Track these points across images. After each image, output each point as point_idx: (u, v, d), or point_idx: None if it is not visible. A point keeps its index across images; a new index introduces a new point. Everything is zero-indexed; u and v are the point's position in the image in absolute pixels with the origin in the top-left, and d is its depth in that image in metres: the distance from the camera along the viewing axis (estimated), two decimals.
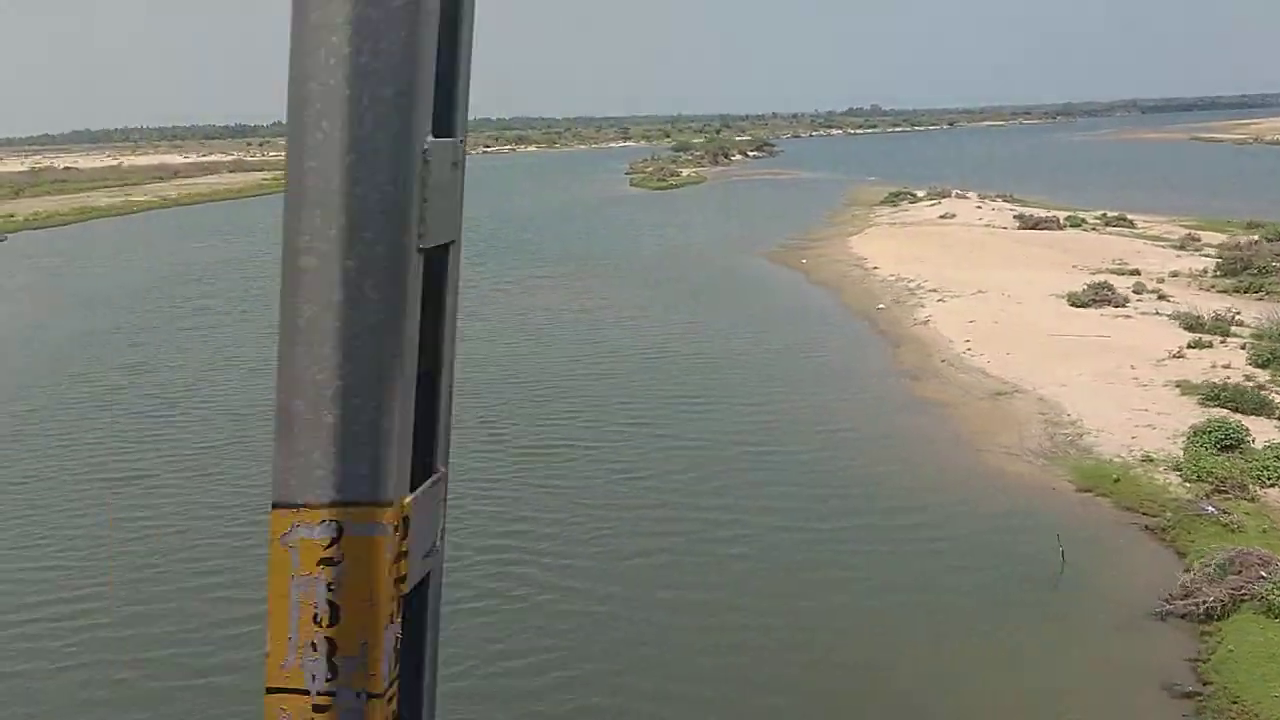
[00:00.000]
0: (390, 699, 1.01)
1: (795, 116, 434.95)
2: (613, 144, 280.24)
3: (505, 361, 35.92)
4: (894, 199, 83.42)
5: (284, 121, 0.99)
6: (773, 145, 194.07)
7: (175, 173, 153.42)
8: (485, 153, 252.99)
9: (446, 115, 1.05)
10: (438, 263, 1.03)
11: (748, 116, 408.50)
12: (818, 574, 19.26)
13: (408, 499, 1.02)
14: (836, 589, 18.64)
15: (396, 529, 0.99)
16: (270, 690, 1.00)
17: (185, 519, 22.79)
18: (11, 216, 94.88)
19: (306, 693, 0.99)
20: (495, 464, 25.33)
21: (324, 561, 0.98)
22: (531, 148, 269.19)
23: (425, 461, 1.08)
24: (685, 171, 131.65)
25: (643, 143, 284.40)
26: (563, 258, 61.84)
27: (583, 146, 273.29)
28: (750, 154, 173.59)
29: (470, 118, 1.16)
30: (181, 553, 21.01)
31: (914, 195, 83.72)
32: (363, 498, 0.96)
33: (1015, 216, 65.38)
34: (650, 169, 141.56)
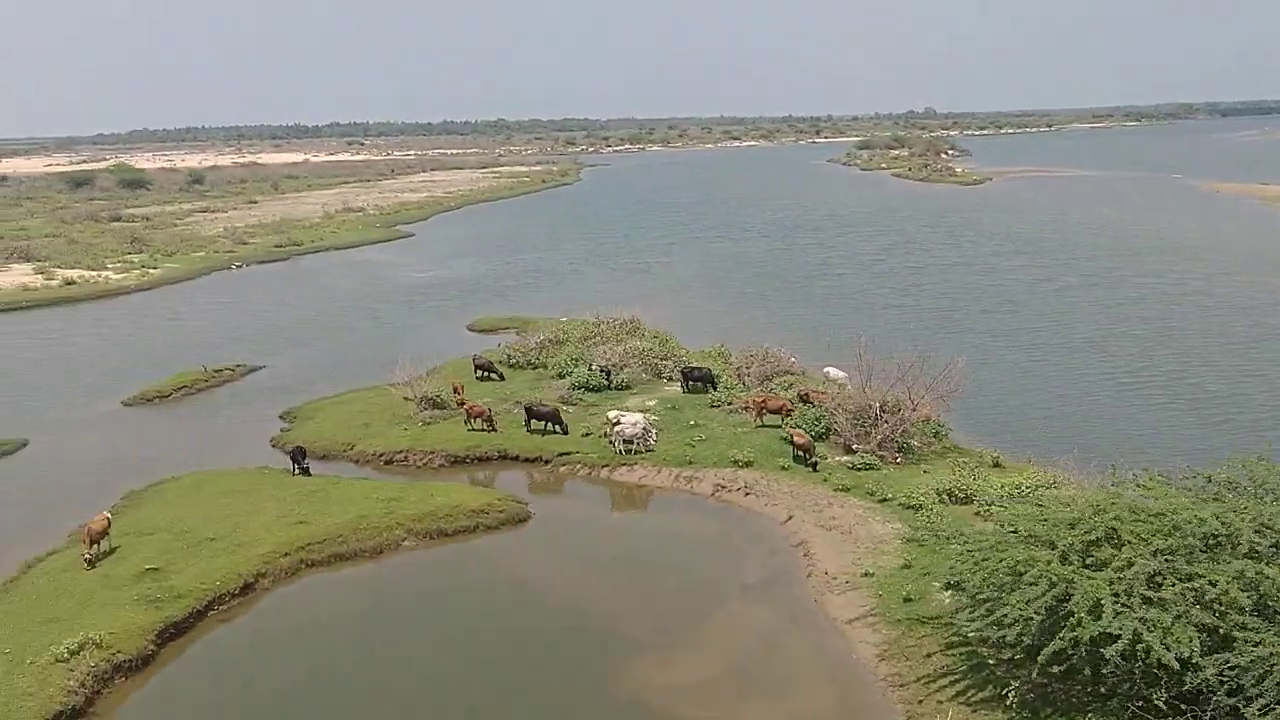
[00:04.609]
0: None
1: (855, 119, 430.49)
2: (729, 144, 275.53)
3: None
4: None
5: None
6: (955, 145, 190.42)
7: (380, 174, 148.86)
8: (615, 151, 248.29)
9: None
10: None
11: (807, 119, 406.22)
12: None
13: None
14: None
15: None
16: None
17: None
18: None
19: None
20: None
21: None
22: (655, 147, 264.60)
23: None
24: (958, 168, 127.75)
25: (761, 142, 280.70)
26: (1136, 252, 58.02)
27: (708, 146, 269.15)
28: (950, 152, 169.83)
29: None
30: None
31: None
32: None
33: None
34: (898, 167, 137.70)
